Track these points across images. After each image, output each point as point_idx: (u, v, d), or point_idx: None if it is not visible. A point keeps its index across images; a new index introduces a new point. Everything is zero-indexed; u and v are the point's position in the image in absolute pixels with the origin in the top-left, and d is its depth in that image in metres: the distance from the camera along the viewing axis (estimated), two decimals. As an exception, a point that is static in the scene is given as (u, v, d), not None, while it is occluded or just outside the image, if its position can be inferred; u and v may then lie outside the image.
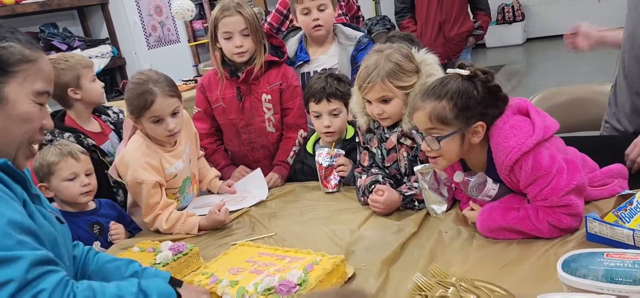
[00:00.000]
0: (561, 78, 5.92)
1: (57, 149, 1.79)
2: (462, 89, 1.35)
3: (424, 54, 1.70)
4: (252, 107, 2.20)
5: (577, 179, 1.31)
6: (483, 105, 1.35)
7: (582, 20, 6.57)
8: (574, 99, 2.15)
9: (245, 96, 2.19)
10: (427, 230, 1.53)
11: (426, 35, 3.80)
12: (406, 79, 1.64)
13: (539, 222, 1.31)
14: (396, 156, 1.75)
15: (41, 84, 1.07)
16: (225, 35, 2.10)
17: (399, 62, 1.63)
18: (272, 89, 2.20)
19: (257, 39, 2.12)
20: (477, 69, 1.37)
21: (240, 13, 2.08)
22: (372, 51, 1.71)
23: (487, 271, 1.23)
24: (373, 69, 1.63)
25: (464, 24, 3.84)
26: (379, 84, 1.62)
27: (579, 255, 1.02)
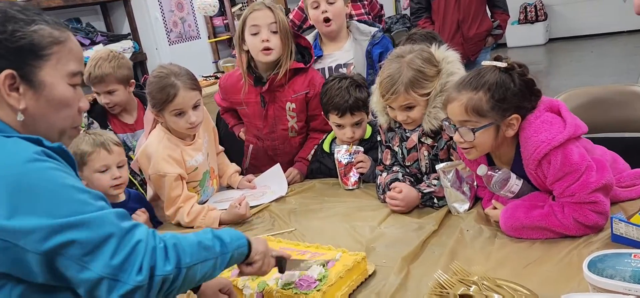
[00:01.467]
0: (584, 79, 5.83)
1: (91, 139, 1.79)
2: (499, 81, 1.34)
3: (445, 51, 1.69)
4: (276, 116, 2.18)
5: (606, 177, 1.30)
6: (519, 98, 1.34)
7: (607, 21, 6.52)
8: (599, 100, 2.11)
9: (268, 104, 2.16)
10: (448, 228, 1.52)
11: (444, 35, 3.74)
12: (428, 85, 1.63)
13: (565, 218, 1.30)
14: (417, 155, 1.75)
15: (74, 65, 1.06)
16: (253, 30, 2.05)
17: (421, 69, 1.62)
18: (297, 98, 2.16)
19: (285, 41, 2.07)
20: (513, 62, 1.37)
21: (270, 8, 2.06)
22: (393, 56, 1.69)
23: (509, 270, 1.22)
24: (397, 78, 1.61)
25: (482, 23, 3.80)
26: (403, 94, 1.62)
27: (605, 256, 1.00)
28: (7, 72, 0.97)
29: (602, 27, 8.11)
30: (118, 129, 2.38)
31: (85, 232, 0.87)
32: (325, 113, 2.04)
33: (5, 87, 0.97)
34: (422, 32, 2.33)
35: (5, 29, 0.97)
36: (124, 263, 0.88)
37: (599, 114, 2.06)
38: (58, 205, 0.87)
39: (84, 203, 0.90)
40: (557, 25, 8.76)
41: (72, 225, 0.86)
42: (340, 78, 2.01)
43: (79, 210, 0.88)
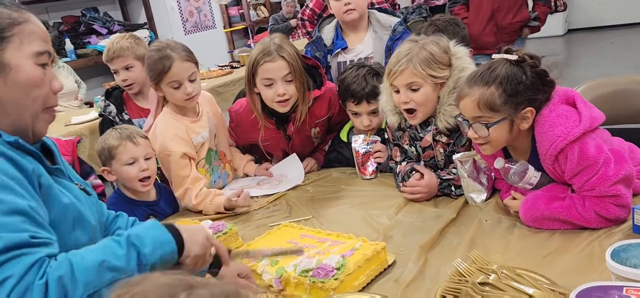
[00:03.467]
0: (604, 70, 5.74)
1: (118, 133, 1.82)
2: (511, 74, 1.32)
3: (455, 47, 1.67)
4: (302, 143, 2.15)
5: (625, 169, 1.28)
6: (532, 90, 1.32)
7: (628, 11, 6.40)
8: (620, 90, 2.07)
9: (293, 136, 2.11)
10: (466, 217, 1.51)
11: (477, 22, 3.68)
12: (438, 70, 1.61)
13: (586, 211, 1.28)
14: (432, 153, 1.73)
15: (38, 44, 1.03)
16: (266, 82, 1.91)
17: (433, 52, 1.60)
18: (320, 122, 2.13)
19: (300, 84, 1.93)
20: (524, 54, 1.34)
21: (283, 57, 1.89)
22: (407, 40, 1.69)
23: (529, 260, 1.21)
24: (404, 55, 1.61)
25: (518, 13, 3.67)
26: (410, 69, 1.59)
27: (629, 246, 0.99)
28: None
29: (623, 17, 7.96)
30: (133, 114, 2.43)
31: None
32: (343, 101, 2.03)
33: None
34: (445, 18, 2.31)
35: None
36: None
37: (619, 104, 2.03)
38: None
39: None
40: (576, 15, 8.63)
41: None
42: (358, 66, 2.00)
43: None
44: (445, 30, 2.15)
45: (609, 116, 1.56)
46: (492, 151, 1.43)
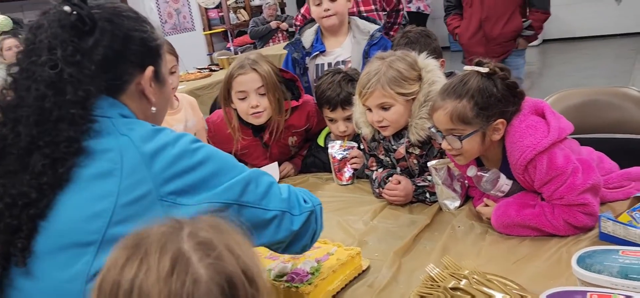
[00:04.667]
0: (576, 80, 5.88)
1: None
2: (482, 87, 1.35)
3: (425, 60, 1.68)
4: (280, 152, 2.15)
5: (593, 178, 1.32)
6: (503, 103, 1.36)
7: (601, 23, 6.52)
8: (589, 101, 2.14)
9: (271, 145, 2.10)
10: (440, 224, 1.54)
11: (467, 32, 3.54)
12: (408, 86, 1.62)
13: (555, 219, 1.32)
14: (406, 164, 1.76)
15: (167, 62, 1.15)
16: (240, 95, 1.94)
17: (401, 70, 1.62)
18: (298, 132, 2.14)
19: (275, 97, 1.95)
20: (495, 66, 1.38)
21: (256, 70, 1.91)
22: (374, 57, 1.70)
23: (499, 266, 1.24)
24: (373, 75, 1.62)
25: (510, 22, 3.42)
26: (379, 90, 1.61)
27: (594, 252, 1.03)
28: (152, 69, 1.05)
29: (596, 29, 8.17)
30: None
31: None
32: (319, 106, 2.05)
33: (148, 82, 1.04)
34: (417, 30, 2.35)
35: (146, 28, 1.05)
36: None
37: (590, 115, 2.09)
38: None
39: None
40: (551, 26, 8.79)
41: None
42: (333, 72, 2.02)
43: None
44: (416, 41, 2.19)
45: (579, 126, 1.61)
46: (466, 162, 1.46)
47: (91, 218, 0.88)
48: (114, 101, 1.00)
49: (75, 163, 0.90)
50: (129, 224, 0.88)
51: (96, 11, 0.98)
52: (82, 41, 0.95)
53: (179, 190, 0.93)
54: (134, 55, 1.01)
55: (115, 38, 0.99)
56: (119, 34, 0.99)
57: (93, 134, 0.93)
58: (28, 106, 0.91)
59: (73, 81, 0.91)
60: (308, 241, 1.14)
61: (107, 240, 0.87)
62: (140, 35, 1.02)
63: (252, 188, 1.01)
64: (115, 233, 0.87)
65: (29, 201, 0.88)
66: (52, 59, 0.91)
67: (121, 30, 0.99)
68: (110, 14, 1.00)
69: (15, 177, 0.89)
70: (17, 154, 0.90)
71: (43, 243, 0.89)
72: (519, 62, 3.58)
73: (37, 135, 0.90)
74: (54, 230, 0.89)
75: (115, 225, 0.88)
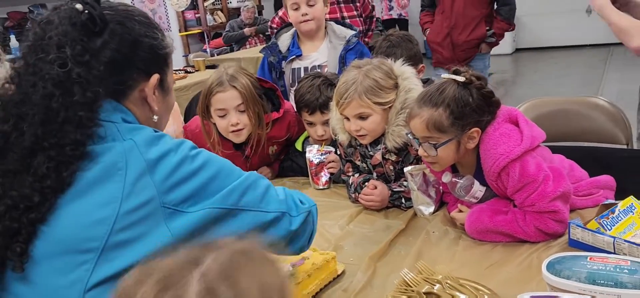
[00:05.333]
0: (548, 89, 6.02)
1: None
2: (458, 96, 1.37)
3: (401, 67, 1.69)
4: (260, 162, 2.13)
5: (563, 186, 1.35)
6: (478, 112, 1.38)
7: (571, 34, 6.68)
8: (560, 110, 2.20)
9: (252, 156, 2.07)
10: (414, 229, 1.56)
11: (436, 37, 3.76)
12: (385, 96, 1.63)
13: (526, 226, 1.35)
14: (383, 170, 1.77)
15: (173, 74, 1.12)
16: (219, 112, 1.91)
17: (377, 79, 1.62)
18: (279, 142, 2.13)
19: (255, 113, 1.92)
20: (472, 75, 1.40)
21: (235, 87, 1.87)
22: (351, 66, 1.70)
23: (472, 270, 1.26)
24: (351, 84, 1.62)
25: (475, 31, 3.70)
26: (357, 100, 1.61)
27: (563, 258, 1.05)
28: (157, 77, 1.03)
29: (567, 39, 8.38)
30: None
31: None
32: (298, 110, 2.05)
33: (152, 89, 1.02)
34: (399, 34, 2.38)
35: (156, 35, 1.03)
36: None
37: (560, 123, 2.15)
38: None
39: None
40: (524, 36, 9.01)
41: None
42: (313, 76, 2.03)
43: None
44: (398, 45, 2.22)
45: (550, 134, 1.65)
46: (441, 169, 1.48)
47: (93, 225, 0.86)
48: (118, 104, 0.98)
49: (79, 167, 0.88)
50: (131, 231, 0.87)
51: (108, 12, 0.97)
52: (91, 41, 0.93)
53: (182, 198, 0.92)
54: (141, 61, 1.00)
55: (124, 42, 0.97)
56: (129, 38, 0.98)
57: (98, 138, 0.91)
58: (34, 104, 0.88)
59: (82, 82, 0.90)
60: (305, 242, 1.15)
61: (109, 247, 0.86)
62: (150, 42, 1.01)
63: (251, 191, 1.01)
64: (117, 240, 0.86)
65: (31, 204, 0.86)
66: (61, 57, 0.89)
67: (131, 35, 0.98)
68: (122, 17, 0.98)
69: (17, 178, 0.87)
70: (20, 154, 0.87)
71: (42, 248, 0.86)
72: (482, 65, 3.84)
73: (42, 136, 0.87)
74: (54, 235, 0.86)
75: (117, 232, 0.86)
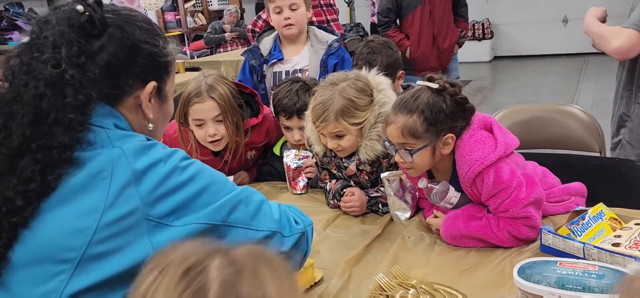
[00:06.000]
0: (524, 97, 6.11)
1: None
2: (432, 103, 1.39)
3: (376, 77, 1.69)
4: (238, 167, 2.13)
5: (536, 193, 1.38)
6: (452, 118, 1.40)
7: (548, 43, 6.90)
8: (536, 117, 2.23)
9: (230, 162, 2.06)
10: (390, 234, 1.57)
11: (420, 48, 3.84)
12: (360, 115, 1.62)
13: (500, 231, 1.37)
14: (358, 180, 1.78)
15: (174, 82, 1.09)
16: (197, 122, 1.90)
17: (353, 98, 1.61)
18: (257, 147, 2.13)
19: (232, 123, 1.90)
20: (446, 82, 1.42)
21: (213, 97, 1.85)
22: (326, 82, 1.69)
23: (446, 275, 1.28)
24: (328, 106, 1.61)
25: (453, 34, 3.92)
26: (333, 122, 1.61)
27: (534, 263, 1.07)
28: (154, 84, 1.00)
29: (544, 48, 8.53)
30: None
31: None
32: (276, 114, 2.05)
33: (147, 97, 1.00)
34: (380, 40, 2.39)
35: (157, 43, 1.01)
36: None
37: (535, 130, 2.18)
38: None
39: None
40: (502, 44, 9.14)
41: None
42: (292, 81, 2.02)
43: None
44: (379, 52, 2.23)
45: (525, 141, 1.68)
46: (417, 175, 1.50)
47: (72, 234, 0.84)
48: (112, 109, 0.96)
49: (65, 172, 0.86)
50: (110, 243, 0.85)
51: (110, 16, 0.95)
52: (88, 43, 0.92)
53: (167, 211, 0.89)
54: (138, 68, 0.98)
55: (123, 47, 0.95)
56: (128, 43, 0.96)
57: (86, 143, 0.89)
58: (24, 103, 0.86)
59: (75, 84, 0.88)
60: (296, 264, 1.11)
61: (86, 258, 0.83)
62: (150, 49, 0.99)
63: (242, 207, 0.98)
64: (96, 252, 0.84)
65: (14, 208, 0.84)
66: (55, 57, 0.87)
67: (130, 40, 0.96)
68: (123, 21, 0.97)
69: (2, 180, 0.85)
70: (7, 154, 0.86)
71: (22, 253, 0.85)
72: (456, 67, 4.11)
73: (31, 136, 0.85)
74: (34, 242, 0.85)
75: (96, 244, 0.84)
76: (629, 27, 1.79)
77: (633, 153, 1.91)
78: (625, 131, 1.95)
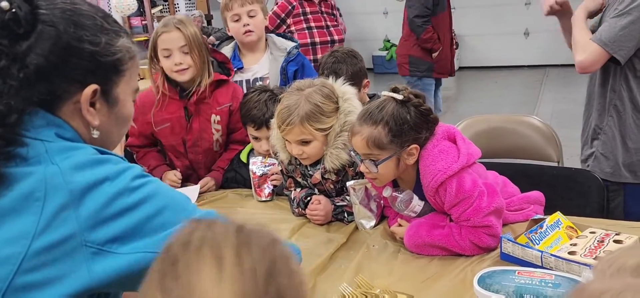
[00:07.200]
0: (487, 107, 6.25)
1: None
2: (396, 114, 1.40)
3: (342, 87, 1.70)
4: (201, 128, 2.13)
5: (496, 202, 1.41)
6: (416, 129, 1.42)
7: (510, 54, 7.12)
8: (497, 128, 2.29)
9: (193, 117, 2.11)
10: (355, 242, 1.58)
11: (444, 50, 4.04)
12: (326, 121, 1.63)
13: (462, 240, 1.39)
14: (323, 188, 1.78)
15: (136, 81, 0.99)
16: (165, 53, 2.01)
17: (319, 104, 1.62)
18: (222, 111, 2.14)
19: (200, 58, 2.02)
20: (410, 93, 1.44)
21: (180, 29, 1.99)
22: (293, 88, 1.70)
23: (409, 284, 1.29)
24: (294, 110, 1.61)
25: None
26: (298, 126, 1.61)
27: (493, 272, 1.10)
28: (94, 88, 0.89)
29: (506, 59, 8.74)
30: None
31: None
32: (244, 124, 2.04)
33: (87, 102, 0.89)
34: (344, 50, 2.41)
35: (99, 40, 0.89)
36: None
37: (496, 140, 2.24)
38: None
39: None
40: (466, 55, 9.33)
41: None
42: (260, 91, 2.02)
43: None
44: (343, 61, 2.24)
45: (486, 151, 1.71)
46: (382, 184, 1.51)
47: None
48: (53, 118, 0.86)
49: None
50: (42, 272, 0.76)
51: (44, 11, 0.84)
52: (13, 44, 0.81)
53: (112, 236, 0.80)
54: (74, 70, 0.86)
55: (55, 47, 0.84)
56: (60, 42, 0.84)
57: (19, 159, 0.79)
58: None
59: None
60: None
61: (12, 290, 0.75)
62: (89, 48, 0.87)
63: None
64: (24, 282, 0.75)
65: None
66: None
67: (63, 39, 0.84)
68: (58, 17, 0.85)
69: None
70: None
71: None
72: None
73: None
74: None
75: (24, 273, 0.76)
76: (595, 42, 1.82)
77: (607, 164, 1.95)
78: (599, 143, 1.99)
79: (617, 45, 1.79)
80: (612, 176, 1.93)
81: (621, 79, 1.89)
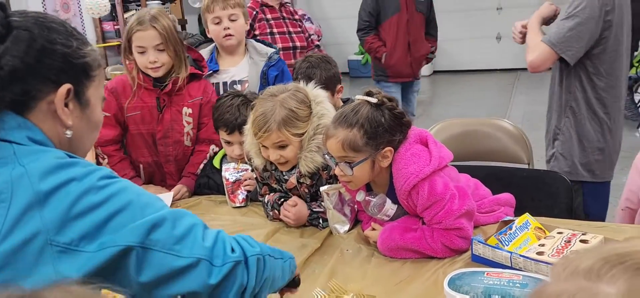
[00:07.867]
0: (461, 110, 6.33)
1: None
2: (371, 117, 1.42)
3: (314, 90, 1.71)
4: (172, 119, 2.14)
5: (467, 204, 1.44)
6: (390, 132, 1.44)
7: (483, 58, 7.23)
8: (469, 131, 2.33)
9: (165, 108, 2.12)
10: (329, 247, 1.58)
11: (396, 53, 4.01)
12: (301, 126, 1.64)
13: (434, 242, 1.41)
14: (298, 193, 1.79)
15: (103, 90, 1.04)
16: (139, 49, 2.03)
17: (294, 109, 1.63)
18: (193, 103, 2.16)
19: (175, 53, 2.05)
20: (384, 97, 1.46)
21: (155, 27, 2.00)
22: (266, 94, 1.70)
23: (383, 287, 1.30)
24: (270, 116, 1.61)
25: (424, 46, 4.15)
26: (275, 132, 1.61)
27: (463, 274, 1.11)
28: (68, 87, 0.93)
29: (480, 63, 8.89)
30: None
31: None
32: (216, 128, 2.03)
33: (61, 101, 0.92)
34: (318, 55, 2.42)
35: (70, 44, 0.94)
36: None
37: (468, 143, 2.27)
38: None
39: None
40: (441, 59, 9.43)
41: None
42: (233, 95, 2.02)
43: None
44: (317, 66, 2.26)
45: (459, 154, 1.74)
46: (356, 187, 1.52)
47: None
48: (24, 120, 0.88)
49: None
50: (7, 272, 0.77)
51: (16, 19, 0.88)
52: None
53: (79, 235, 0.81)
54: (49, 70, 0.90)
55: (30, 49, 0.88)
56: (35, 45, 0.88)
57: None
58: None
59: None
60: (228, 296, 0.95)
61: None
62: (62, 49, 0.92)
63: (167, 228, 0.87)
64: None
65: None
66: None
67: (38, 42, 0.89)
68: (31, 23, 0.90)
69: None
70: None
71: None
72: (420, 83, 4.37)
73: None
74: None
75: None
76: (544, 42, 1.89)
77: (565, 164, 2.01)
78: (558, 143, 2.05)
79: (565, 45, 1.86)
80: (571, 175, 1.98)
81: (575, 80, 1.95)
